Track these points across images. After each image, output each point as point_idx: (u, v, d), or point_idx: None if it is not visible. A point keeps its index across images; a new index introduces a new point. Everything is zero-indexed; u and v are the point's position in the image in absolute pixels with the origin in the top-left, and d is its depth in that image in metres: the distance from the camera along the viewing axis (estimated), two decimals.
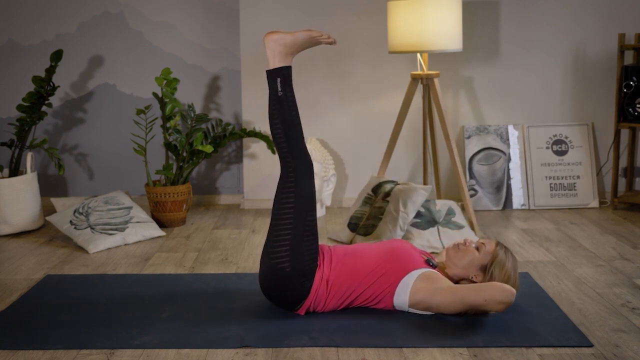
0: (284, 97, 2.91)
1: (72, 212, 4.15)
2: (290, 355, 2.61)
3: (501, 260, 2.92)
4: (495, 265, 2.91)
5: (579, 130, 4.86)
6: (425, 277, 2.87)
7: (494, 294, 2.75)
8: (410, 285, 2.87)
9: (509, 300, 2.75)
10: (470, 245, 2.99)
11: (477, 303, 2.77)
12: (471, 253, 2.96)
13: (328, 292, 2.90)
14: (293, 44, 2.93)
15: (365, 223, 3.99)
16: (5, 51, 4.91)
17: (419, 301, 2.86)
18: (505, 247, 2.99)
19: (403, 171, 4.90)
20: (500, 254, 2.94)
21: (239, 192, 5.09)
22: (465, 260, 2.95)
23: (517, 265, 2.98)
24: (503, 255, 2.94)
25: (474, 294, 2.78)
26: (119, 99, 4.97)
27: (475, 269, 2.94)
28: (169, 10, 4.89)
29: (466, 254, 2.96)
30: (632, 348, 2.61)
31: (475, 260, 2.94)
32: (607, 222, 4.41)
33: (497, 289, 2.76)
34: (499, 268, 2.91)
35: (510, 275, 2.91)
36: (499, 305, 2.76)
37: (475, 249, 2.97)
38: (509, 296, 2.75)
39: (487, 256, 2.94)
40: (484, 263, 2.93)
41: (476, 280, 2.93)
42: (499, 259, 2.92)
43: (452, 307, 2.82)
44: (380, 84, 4.83)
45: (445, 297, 2.82)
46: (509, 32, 4.81)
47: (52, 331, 2.83)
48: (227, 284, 3.38)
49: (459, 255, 2.97)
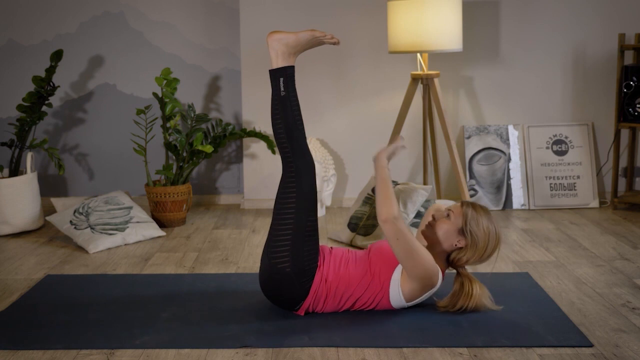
0: (286, 96, 2.91)
1: (72, 212, 4.15)
2: (290, 355, 2.61)
3: (473, 216, 2.92)
4: (470, 223, 2.91)
5: (579, 130, 4.86)
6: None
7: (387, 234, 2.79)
8: (398, 280, 2.88)
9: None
10: (439, 217, 2.98)
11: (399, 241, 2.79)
12: (443, 224, 2.95)
13: (327, 293, 2.90)
14: (296, 43, 2.93)
15: (366, 223, 3.99)
16: (5, 51, 4.92)
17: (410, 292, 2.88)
18: (472, 203, 2.99)
19: (403, 171, 4.90)
20: (469, 211, 2.93)
21: (239, 192, 5.09)
22: (441, 232, 2.94)
23: (492, 216, 2.97)
24: (472, 211, 2.93)
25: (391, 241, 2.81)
26: (119, 99, 4.97)
27: (454, 236, 2.93)
28: (169, 10, 4.89)
29: (440, 227, 2.95)
30: (632, 348, 2.61)
31: (450, 228, 2.93)
32: (607, 222, 4.41)
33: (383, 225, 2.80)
34: (475, 224, 2.91)
35: (488, 227, 2.91)
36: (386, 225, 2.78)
37: (446, 217, 2.96)
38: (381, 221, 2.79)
39: (458, 219, 2.93)
40: (458, 227, 2.92)
41: (460, 245, 2.93)
42: (469, 217, 2.92)
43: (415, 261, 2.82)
44: (380, 84, 4.83)
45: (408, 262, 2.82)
46: (509, 32, 4.81)
47: (52, 331, 2.83)
48: (227, 284, 3.38)
49: (433, 231, 2.96)
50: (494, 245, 2.94)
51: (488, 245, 2.92)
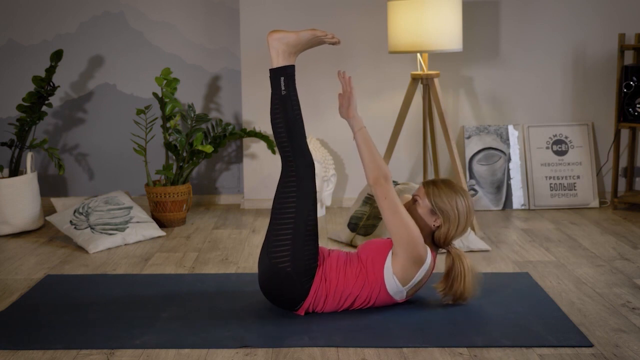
0: (287, 96, 2.91)
1: (72, 212, 4.15)
2: (290, 355, 2.61)
3: (435, 194, 2.92)
4: (436, 203, 2.91)
5: (579, 130, 4.86)
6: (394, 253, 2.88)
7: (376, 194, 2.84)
8: (390, 269, 2.88)
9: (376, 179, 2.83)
10: (409, 206, 2.97)
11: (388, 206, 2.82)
12: (414, 211, 2.95)
13: (327, 292, 2.90)
14: (297, 43, 2.93)
15: (365, 223, 3.99)
16: (5, 51, 4.92)
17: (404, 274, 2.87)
18: (433, 180, 2.99)
19: (403, 171, 4.90)
20: (431, 190, 2.93)
21: (239, 192, 5.09)
22: (416, 219, 2.93)
23: (453, 185, 2.97)
24: (434, 188, 2.93)
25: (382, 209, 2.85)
26: (119, 99, 4.97)
27: (429, 217, 2.93)
28: (169, 10, 4.89)
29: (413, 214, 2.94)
30: (632, 348, 2.61)
31: (422, 211, 2.93)
32: (607, 222, 4.41)
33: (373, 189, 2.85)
34: (440, 201, 2.91)
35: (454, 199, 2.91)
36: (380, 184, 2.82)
37: (415, 203, 2.96)
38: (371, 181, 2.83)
39: (425, 201, 2.93)
40: (429, 208, 2.92)
41: (437, 224, 2.93)
42: (432, 194, 2.92)
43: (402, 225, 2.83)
44: (380, 84, 4.83)
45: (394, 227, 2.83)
46: (509, 32, 4.81)
47: (52, 331, 2.83)
48: (227, 284, 3.38)
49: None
50: (466, 213, 2.93)
51: (460, 216, 2.92)
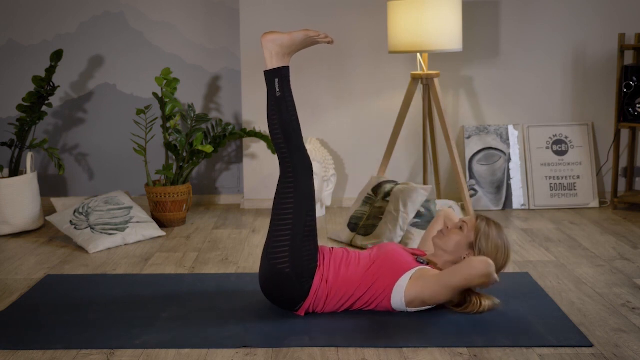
0: (282, 97, 2.91)
1: (72, 212, 4.15)
2: (290, 355, 2.61)
3: (485, 232, 2.91)
4: (481, 239, 2.90)
5: (579, 130, 4.86)
6: (416, 276, 2.87)
7: (472, 270, 2.74)
8: (404, 287, 2.87)
9: (487, 270, 2.73)
10: (452, 227, 2.98)
11: (460, 284, 2.77)
12: (456, 235, 2.95)
13: (327, 293, 2.90)
14: (290, 44, 2.93)
15: (366, 223, 3.99)
16: (5, 51, 4.92)
17: (414, 299, 2.86)
18: (487, 218, 2.98)
19: (403, 171, 4.90)
20: (482, 226, 2.93)
21: (239, 192, 5.09)
22: (452, 243, 2.94)
23: (504, 232, 2.96)
24: (485, 226, 2.93)
25: (455, 276, 2.78)
26: (119, 99, 4.97)
27: (464, 249, 2.93)
28: (169, 10, 4.89)
29: (451, 238, 2.95)
30: (632, 348, 2.61)
31: (462, 241, 2.93)
32: (607, 222, 4.41)
33: (473, 262, 2.75)
34: (485, 240, 2.90)
35: (497, 243, 2.91)
36: (482, 279, 2.74)
37: (459, 229, 2.96)
38: (487, 266, 2.73)
39: (471, 233, 2.93)
40: (470, 240, 2.92)
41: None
42: (482, 232, 2.91)
43: (443, 296, 2.82)
44: (380, 84, 4.82)
45: (434, 288, 2.81)
46: (509, 32, 4.81)
47: (52, 331, 2.83)
48: (227, 284, 3.38)
49: (444, 241, 2.96)
50: (502, 263, 2.93)
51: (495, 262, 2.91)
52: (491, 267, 2.75)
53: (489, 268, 2.75)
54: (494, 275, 2.77)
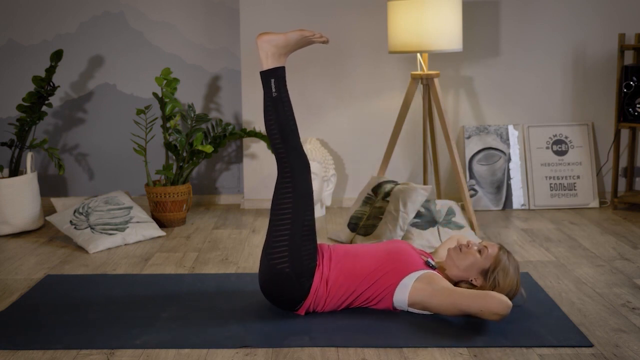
0: (278, 97, 2.92)
1: (72, 212, 4.15)
2: (290, 355, 2.61)
3: (505, 266, 2.89)
4: (499, 272, 2.87)
5: (579, 130, 4.86)
6: (424, 279, 2.87)
7: (490, 305, 2.70)
8: (409, 286, 2.86)
9: (504, 312, 2.70)
10: (472, 247, 2.96)
11: (471, 310, 2.74)
12: (473, 256, 2.93)
13: (328, 291, 2.90)
14: (286, 44, 2.94)
15: (365, 223, 3.99)
16: (5, 51, 4.92)
17: (418, 302, 2.86)
18: (508, 252, 2.95)
19: (403, 171, 4.90)
20: (504, 259, 2.90)
21: (239, 192, 5.09)
22: (467, 262, 2.92)
23: (519, 269, 2.95)
24: (506, 261, 2.90)
25: (471, 301, 2.74)
26: (119, 99, 4.97)
27: (476, 272, 2.92)
28: (169, 10, 4.89)
29: (468, 256, 2.93)
30: (632, 348, 2.61)
31: (477, 264, 2.91)
32: (607, 222, 4.41)
33: (495, 299, 2.70)
34: (503, 275, 2.87)
35: (513, 282, 2.89)
36: (494, 316, 2.71)
37: (477, 252, 2.94)
38: (505, 308, 2.69)
39: (488, 260, 2.90)
40: (485, 267, 2.90)
41: (476, 284, 2.91)
42: (502, 265, 2.89)
43: (448, 311, 2.81)
44: (380, 84, 4.82)
45: (443, 300, 2.79)
46: (509, 32, 4.81)
47: (52, 331, 2.83)
48: (227, 284, 3.38)
49: (460, 257, 2.94)
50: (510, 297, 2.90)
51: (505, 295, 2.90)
52: (508, 309, 2.70)
53: (506, 310, 2.70)
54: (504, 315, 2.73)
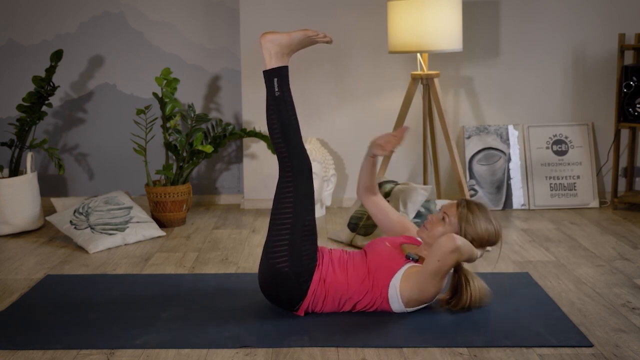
0: (281, 97, 2.92)
1: (72, 212, 4.15)
2: (290, 355, 2.61)
3: (466, 218, 2.89)
4: (465, 227, 2.88)
5: (579, 130, 4.86)
6: (405, 277, 2.85)
7: (440, 250, 2.72)
8: (397, 287, 2.86)
9: (453, 244, 2.71)
10: (434, 219, 2.95)
11: (437, 267, 2.74)
12: (439, 227, 2.92)
13: (325, 293, 2.90)
14: (289, 43, 2.94)
15: (365, 223, 3.99)
16: (5, 51, 4.92)
17: (409, 299, 2.86)
18: (467, 201, 2.94)
19: (403, 171, 4.90)
20: (464, 212, 2.90)
21: (239, 192, 5.09)
22: (437, 237, 2.90)
23: (487, 211, 2.93)
24: (467, 212, 2.90)
25: (430, 262, 2.76)
26: (119, 99, 4.97)
27: None
28: (169, 10, 4.89)
29: (435, 231, 2.92)
30: (632, 348, 2.61)
31: (447, 231, 2.90)
32: (607, 222, 4.41)
33: (439, 243, 2.73)
34: (470, 226, 2.88)
35: (482, 225, 2.88)
36: (454, 255, 2.72)
37: (441, 221, 2.93)
38: (451, 242, 2.71)
39: (454, 222, 2.91)
40: (455, 230, 2.90)
41: None
42: (465, 219, 2.88)
43: (431, 286, 2.80)
44: (380, 84, 4.83)
45: (420, 282, 2.80)
46: (509, 32, 4.81)
47: (52, 331, 2.83)
48: (227, 284, 3.38)
49: (430, 235, 2.93)
50: (494, 240, 2.92)
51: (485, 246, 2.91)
52: (457, 240, 2.73)
53: (455, 242, 2.72)
54: (465, 248, 2.75)
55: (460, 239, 2.77)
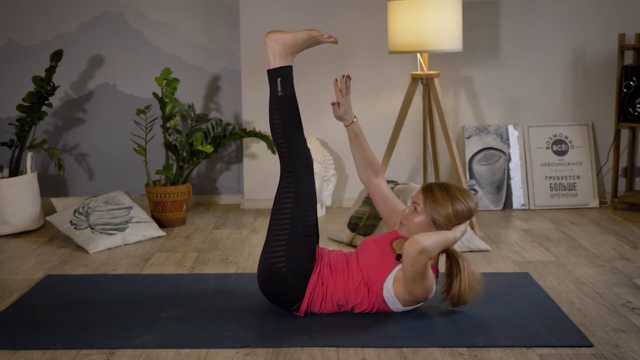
0: (284, 96, 2.91)
1: (72, 212, 4.15)
2: (290, 355, 2.61)
3: (432, 201, 2.83)
4: (432, 212, 2.82)
5: (579, 130, 4.86)
6: (397, 279, 2.83)
7: (408, 255, 2.67)
8: (391, 291, 2.85)
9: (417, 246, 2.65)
10: (407, 212, 2.90)
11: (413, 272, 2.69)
12: (414, 218, 2.86)
13: (323, 294, 2.89)
14: (294, 43, 2.93)
15: (365, 223, 3.99)
16: (5, 51, 4.92)
17: (404, 300, 2.85)
18: (430, 185, 2.89)
19: (403, 171, 4.90)
20: (428, 197, 2.84)
21: (239, 192, 5.09)
22: (415, 228, 2.86)
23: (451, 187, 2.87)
24: (430, 195, 2.84)
25: (406, 269, 2.72)
26: (119, 99, 4.97)
27: (427, 228, 2.85)
28: (169, 10, 4.89)
29: (412, 223, 2.87)
30: (632, 348, 2.61)
31: (422, 222, 2.85)
32: (607, 222, 4.41)
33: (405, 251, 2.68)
34: (435, 209, 2.82)
35: (449, 207, 2.82)
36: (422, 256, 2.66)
37: (414, 211, 2.87)
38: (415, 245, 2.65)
39: (425, 210, 2.85)
40: (429, 218, 2.84)
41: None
42: (430, 205, 2.83)
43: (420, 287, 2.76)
44: (380, 84, 4.83)
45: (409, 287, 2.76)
46: (509, 32, 4.81)
47: (52, 331, 2.83)
48: (227, 284, 3.38)
49: (409, 229, 2.88)
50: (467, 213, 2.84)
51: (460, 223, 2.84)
52: (420, 242, 2.66)
53: (418, 244, 2.66)
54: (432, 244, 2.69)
55: (423, 236, 2.70)
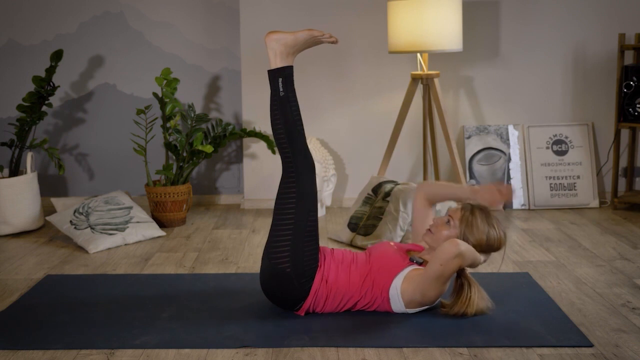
0: (285, 97, 2.91)
1: (72, 212, 4.15)
2: (290, 355, 2.61)
3: (469, 222, 2.88)
4: (466, 231, 2.88)
5: (579, 130, 4.86)
6: (408, 279, 2.85)
7: (443, 255, 2.72)
8: (398, 288, 2.86)
9: (456, 250, 2.71)
10: (440, 222, 2.94)
11: (438, 271, 2.73)
12: (444, 230, 2.91)
13: (327, 293, 2.90)
14: (294, 43, 2.93)
15: (366, 223, 3.99)
16: (5, 51, 4.92)
17: (410, 300, 2.86)
18: (472, 205, 2.94)
19: (403, 171, 4.90)
20: (467, 216, 2.89)
21: (239, 192, 5.09)
22: (442, 240, 2.90)
23: (491, 215, 2.92)
24: (470, 216, 2.89)
25: (432, 266, 2.75)
26: (119, 99, 4.97)
27: None
28: (169, 10, 4.89)
29: (440, 234, 2.92)
30: (632, 348, 2.61)
31: (452, 235, 2.90)
32: (607, 222, 4.41)
33: (442, 248, 2.73)
34: (470, 231, 2.87)
35: (484, 230, 2.88)
36: (456, 260, 2.72)
37: (446, 224, 2.92)
38: (455, 247, 2.71)
39: (460, 227, 2.89)
40: (460, 236, 2.89)
41: None
42: (467, 223, 2.88)
43: (433, 290, 2.80)
44: (380, 84, 4.83)
45: (422, 285, 2.80)
46: (509, 32, 4.81)
47: (52, 331, 2.83)
48: (227, 284, 3.38)
49: (435, 238, 2.93)
50: (497, 246, 2.91)
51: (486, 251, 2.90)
52: (460, 245, 2.73)
53: (459, 247, 2.72)
54: (468, 253, 2.75)
55: (464, 244, 2.77)
